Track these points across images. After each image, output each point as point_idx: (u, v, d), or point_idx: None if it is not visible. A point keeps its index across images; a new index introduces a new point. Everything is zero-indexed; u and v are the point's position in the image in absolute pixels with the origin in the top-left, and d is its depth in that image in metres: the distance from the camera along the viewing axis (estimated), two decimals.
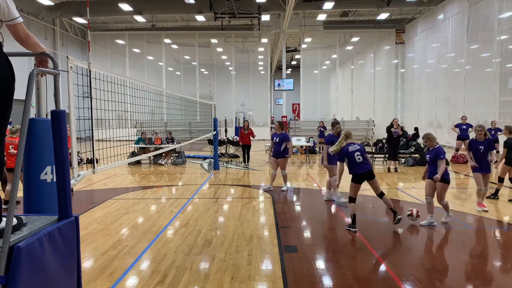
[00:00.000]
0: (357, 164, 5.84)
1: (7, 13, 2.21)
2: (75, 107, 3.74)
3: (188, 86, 28.07)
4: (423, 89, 23.65)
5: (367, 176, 5.85)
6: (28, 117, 2.15)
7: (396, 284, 4.03)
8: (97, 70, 4.46)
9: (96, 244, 5.28)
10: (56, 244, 2.32)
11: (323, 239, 5.69)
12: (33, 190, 2.71)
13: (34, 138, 2.68)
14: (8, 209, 2.00)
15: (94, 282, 4.05)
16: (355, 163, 5.85)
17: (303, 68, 28.63)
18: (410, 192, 8.88)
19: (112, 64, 28.18)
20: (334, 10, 23.31)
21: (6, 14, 2.21)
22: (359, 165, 5.83)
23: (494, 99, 16.44)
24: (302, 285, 4.01)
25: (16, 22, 2.27)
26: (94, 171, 4.24)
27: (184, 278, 4.17)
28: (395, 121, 12.04)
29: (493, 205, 7.53)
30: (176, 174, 12.09)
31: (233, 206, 7.64)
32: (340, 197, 7.85)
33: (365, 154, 5.94)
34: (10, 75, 2.18)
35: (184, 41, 28.95)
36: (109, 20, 27.56)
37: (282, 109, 28.25)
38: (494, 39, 16.48)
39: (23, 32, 2.36)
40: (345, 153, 5.96)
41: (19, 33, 2.33)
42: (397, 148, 12.16)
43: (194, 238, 5.52)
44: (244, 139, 13.53)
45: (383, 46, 28.63)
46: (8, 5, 2.20)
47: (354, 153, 5.86)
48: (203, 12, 22.87)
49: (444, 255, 5.03)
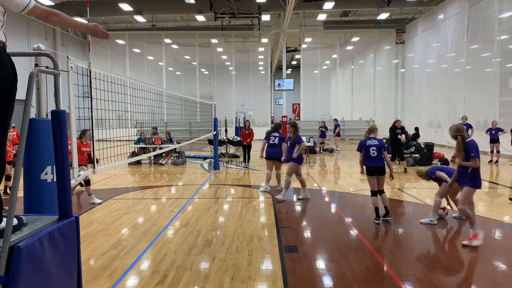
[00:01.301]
0: (370, 158, 6.35)
1: (19, 3, 2.20)
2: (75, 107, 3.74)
3: (188, 86, 28.09)
4: (423, 89, 23.65)
5: (377, 171, 6.32)
6: (28, 117, 2.16)
7: (396, 284, 4.02)
8: (97, 70, 4.45)
9: (96, 244, 5.28)
10: (56, 244, 2.32)
11: (323, 239, 5.69)
12: (33, 190, 2.71)
13: (34, 138, 2.68)
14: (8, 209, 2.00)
15: (94, 282, 4.05)
16: (369, 156, 6.36)
17: (303, 68, 28.63)
18: (410, 192, 8.88)
19: (112, 64, 28.20)
20: (334, 10, 23.32)
21: (19, 4, 2.20)
22: (372, 159, 6.33)
23: (494, 99, 16.44)
24: (302, 285, 4.01)
25: (30, 8, 2.26)
26: (94, 171, 4.24)
27: (185, 278, 4.17)
28: (398, 123, 11.83)
29: (493, 205, 7.53)
30: (176, 174, 12.09)
31: (233, 206, 7.64)
32: (285, 194, 8.09)
33: (383, 150, 6.36)
34: (13, 76, 2.18)
35: (184, 41, 28.97)
36: (109, 20, 27.57)
37: (282, 109, 28.26)
38: (494, 39, 16.48)
39: (43, 11, 2.36)
40: (362, 145, 6.48)
41: (39, 15, 2.34)
42: (401, 148, 12.05)
43: (195, 238, 5.52)
44: (245, 139, 13.55)
45: (383, 46, 28.63)
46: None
47: (369, 147, 6.36)
48: (203, 12, 22.89)
49: (444, 255, 5.02)
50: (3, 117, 2.15)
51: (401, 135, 11.59)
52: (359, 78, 30.83)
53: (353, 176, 10.14)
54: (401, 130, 11.71)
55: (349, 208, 7.55)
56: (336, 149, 18.31)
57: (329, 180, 10.82)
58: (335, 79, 30.26)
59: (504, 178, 10.85)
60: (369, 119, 27.95)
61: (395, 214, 7.14)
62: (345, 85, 30.87)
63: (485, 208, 7.25)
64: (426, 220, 6.18)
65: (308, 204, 7.94)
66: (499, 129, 13.62)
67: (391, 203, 7.90)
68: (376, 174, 6.33)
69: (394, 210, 7.46)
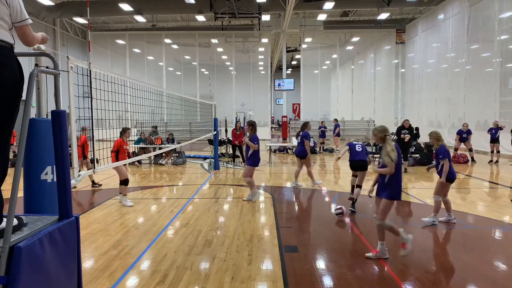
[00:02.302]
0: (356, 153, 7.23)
1: (19, 15, 2.21)
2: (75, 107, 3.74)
3: (189, 86, 28.07)
4: (424, 89, 23.64)
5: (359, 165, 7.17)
6: (28, 117, 2.16)
7: (396, 284, 4.03)
8: (97, 70, 4.46)
9: (96, 244, 5.28)
10: (57, 244, 2.32)
11: (323, 239, 5.69)
12: (34, 190, 2.71)
13: (34, 138, 2.68)
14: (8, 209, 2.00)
15: (94, 282, 4.05)
16: (355, 151, 7.25)
17: (303, 68, 28.62)
18: (410, 192, 8.88)
19: (112, 64, 28.18)
20: (334, 10, 23.30)
21: (19, 15, 2.21)
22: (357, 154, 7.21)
23: (495, 99, 16.43)
24: (302, 285, 4.01)
25: (27, 23, 2.27)
26: (94, 171, 4.24)
27: (185, 278, 4.17)
28: (406, 123, 11.86)
29: (493, 205, 7.53)
30: (176, 174, 12.09)
31: (233, 206, 7.64)
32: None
33: (365, 148, 7.30)
34: (19, 77, 2.20)
35: (184, 41, 28.95)
36: (110, 20, 27.56)
37: (282, 109, 28.25)
38: (495, 39, 16.48)
39: (31, 34, 2.35)
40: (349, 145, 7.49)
41: (27, 35, 2.32)
42: (405, 148, 12.04)
43: (195, 238, 5.52)
44: (236, 138, 13.85)
45: (384, 46, 28.62)
46: (21, 6, 2.22)
47: (355, 145, 7.34)
48: (204, 12, 22.87)
49: (445, 255, 5.03)
50: (10, 117, 2.16)
51: (405, 135, 11.61)
52: (359, 78, 30.81)
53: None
54: (408, 131, 11.69)
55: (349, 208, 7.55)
56: (336, 149, 18.32)
57: (329, 180, 10.82)
58: (335, 79, 30.24)
59: (504, 178, 10.85)
60: (369, 119, 27.95)
61: (395, 214, 7.15)
62: (345, 85, 30.85)
63: (485, 208, 7.25)
64: (428, 220, 6.18)
65: (308, 204, 7.93)
66: (500, 128, 13.64)
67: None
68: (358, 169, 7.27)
69: (394, 210, 7.47)
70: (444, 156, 5.95)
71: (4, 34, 2.12)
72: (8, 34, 2.15)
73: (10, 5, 2.14)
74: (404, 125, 11.82)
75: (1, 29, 2.10)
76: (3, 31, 2.11)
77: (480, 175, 11.38)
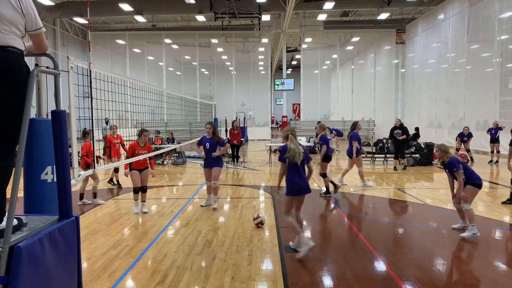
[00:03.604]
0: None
1: (34, 23, 2.31)
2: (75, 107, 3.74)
3: (189, 86, 28.07)
4: (424, 89, 23.63)
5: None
6: (28, 117, 2.16)
7: (396, 284, 4.02)
8: (98, 70, 4.46)
9: (96, 244, 5.28)
10: (57, 244, 2.32)
11: (323, 239, 5.69)
12: (34, 190, 2.71)
13: (34, 138, 2.68)
14: (8, 209, 2.00)
15: (94, 282, 4.05)
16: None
17: (303, 68, 28.62)
18: (410, 192, 8.88)
19: (112, 64, 28.19)
20: (334, 10, 23.29)
21: (34, 24, 2.31)
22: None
23: (495, 99, 16.43)
24: (302, 285, 4.01)
25: (41, 31, 2.38)
26: (94, 171, 4.24)
27: (185, 278, 4.17)
28: (397, 121, 12.25)
29: (493, 205, 7.53)
30: (176, 174, 12.08)
31: (233, 206, 7.64)
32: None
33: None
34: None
35: (184, 41, 28.96)
36: (110, 20, 27.56)
37: (282, 109, 28.25)
38: (495, 39, 16.47)
39: (45, 41, 2.46)
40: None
41: (42, 42, 2.42)
42: (401, 147, 12.19)
43: (195, 238, 5.52)
44: (234, 138, 13.91)
45: (384, 46, 28.61)
46: (35, 14, 2.32)
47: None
48: (204, 12, 22.87)
49: (444, 255, 5.02)
50: (18, 121, 2.21)
51: (397, 134, 11.90)
52: (359, 78, 30.81)
53: (353, 176, 10.13)
54: (400, 128, 11.89)
55: (349, 208, 7.55)
56: (336, 149, 18.30)
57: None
58: (335, 79, 30.24)
59: (504, 178, 10.82)
60: (369, 119, 27.95)
61: (395, 214, 7.15)
62: (345, 85, 30.85)
63: (485, 208, 7.25)
64: (468, 234, 5.49)
65: (308, 204, 7.92)
66: (500, 128, 13.64)
67: (391, 203, 7.92)
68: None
69: (394, 210, 7.47)
70: (457, 169, 5.64)
71: (17, 42, 2.22)
72: (20, 42, 2.26)
73: (26, 14, 2.24)
74: (395, 125, 12.11)
75: (15, 36, 2.20)
76: (17, 38, 2.22)
77: (480, 175, 11.24)
